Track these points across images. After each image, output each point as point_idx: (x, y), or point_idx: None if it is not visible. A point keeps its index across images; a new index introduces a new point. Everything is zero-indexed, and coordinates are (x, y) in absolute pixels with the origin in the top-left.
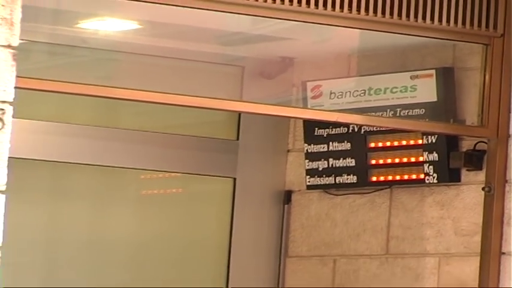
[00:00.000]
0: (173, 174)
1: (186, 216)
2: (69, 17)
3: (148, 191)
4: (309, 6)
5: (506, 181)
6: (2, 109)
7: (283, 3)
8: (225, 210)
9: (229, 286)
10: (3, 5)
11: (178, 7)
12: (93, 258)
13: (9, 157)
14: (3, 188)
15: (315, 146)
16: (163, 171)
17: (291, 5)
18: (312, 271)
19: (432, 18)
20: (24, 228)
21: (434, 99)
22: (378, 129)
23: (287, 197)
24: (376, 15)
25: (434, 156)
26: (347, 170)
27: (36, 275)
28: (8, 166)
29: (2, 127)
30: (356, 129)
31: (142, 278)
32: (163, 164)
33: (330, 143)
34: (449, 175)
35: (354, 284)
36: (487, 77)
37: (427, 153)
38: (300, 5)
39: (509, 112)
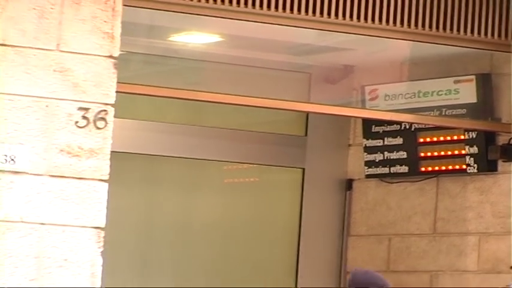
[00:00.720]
0: (251, 165)
1: (262, 201)
2: (161, 32)
3: (230, 179)
4: (366, 22)
5: None
6: (105, 110)
7: (344, 19)
8: (295, 196)
9: (300, 261)
10: (105, 21)
11: (254, 23)
12: (182, 237)
13: (111, 151)
14: (107, 177)
15: (372, 141)
16: (243, 162)
17: (351, 20)
18: (370, 248)
19: (472, 31)
20: (123, 212)
21: (475, 100)
22: (426, 126)
23: (349, 184)
24: (424, 29)
25: (474, 149)
26: (400, 162)
27: (133, 252)
28: (110, 159)
29: (105, 126)
30: (407, 127)
31: (224, 255)
32: (243, 157)
33: (385, 138)
34: (487, 165)
35: (406, 259)
36: None
37: (468, 146)
38: (359, 21)
39: None
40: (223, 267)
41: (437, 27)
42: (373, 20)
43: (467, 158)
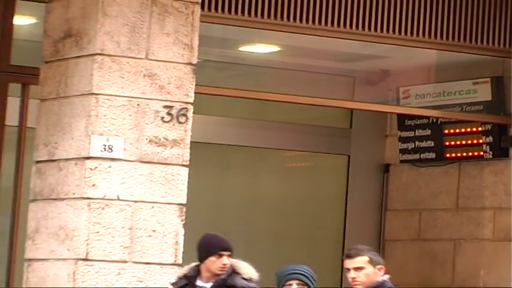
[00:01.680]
0: (306, 153)
1: (314, 183)
2: (231, 43)
3: (289, 164)
4: (400, 34)
5: None
6: (186, 108)
7: (382, 32)
8: (342, 179)
9: (346, 232)
10: (185, 35)
11: (307, 35)
12: (248, 212)
13: (191, 141)
14: (187, 163)
15: (405, 132)
16: (299, 150)
17: (388, 33)
18: (403, 221)
19: (488, 41)
20: (200, 191)
21: (489, 98)
22: (450, 120)
23: (386, 168)
24: (448, 40)
25: (490, 139)
26: (428, 149)
27: (208, 224)
28: (190, 148)
29: (186, 120)
30: (434, 121)
31: (283, 226)
32: (299, 146)
33: (416, 130)
34: (501, 152)
35: (433, 229)
36: None
37: (484, 137)
38: (394, 33)
39: None
40: (283, 236)
41: (459, 39)
42: (405, 32)
43: (484, 146)
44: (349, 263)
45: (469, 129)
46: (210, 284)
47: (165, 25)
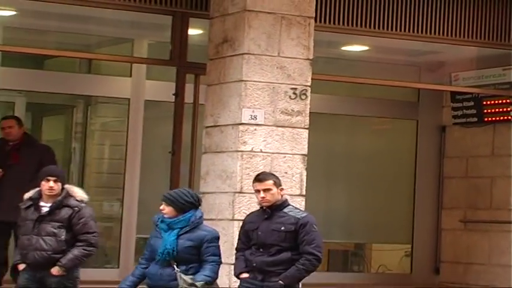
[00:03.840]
0: (388, 119)
1: (394, 139)
2: (335, 44)
3: (376, 127)
4: (451, 36)
5: None
6: (306, 89)
7: (437, 34)
8: (413, 136)
9: (416, 174)
10: (304, 39)
11: (388, 38)
12: (348, 162)
13: (310, 112)
14: (307, 127)
15: (456, 103)
16: (383, 117)
17: (442, 35)
18: (456, 164)
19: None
20: (316, 146)
21: None
22: (486, 95)
23: (443, 129)
24: (483, 39)
25: None
26: (472, 115)
27: (317, 169)
28: (309, 116)
29: (306, 98)
30: (476, 95)
31: (372, 173)
32: (383, 114)
33: (463, 102)
34: None
35: (476, 170)
36: None
37: (511, 106)
38: (447, 35)
39: None
40: (372, 178)
41: (491, 38)
42: (454, 34)
43: (511, 112)
44: (259, 186)
45: (500, 101)
46: (49, 204)
47: (290, 33)
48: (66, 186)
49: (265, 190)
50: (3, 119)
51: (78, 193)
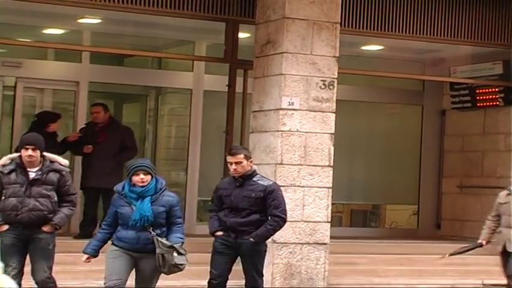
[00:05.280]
0: (399, 104)
1: (404, 121)
2: (356, 44)
3: (389, 111)
4: (450, 37)
5: None
6: (333, 81)
7: (438, 36)
8: (419, 118)
9: (422, 150)
10: (332, 40)
11: (397, 39)
12: (366, 140)
13: (336, 99)
14: (334, 111)
15: (454, 92)
16: (396, 103)
17: (441, 36)
18: (454, 141)
19: (501, 40)
20: (341, 127)
21: (501, 72)
22: (479, 84)
23: (443, 113)
24: (476, 39)
25: (502, 95)
26: (467, 101)
27: (345, 147)
28: (336, 103)
29: (333, 88)
30: (470, 85)
31: (386, 150)
32: (395, 100)
33: (460, 90)
34: (508, 102)
35: (470, 145)
36: None
37: (499, 93)
38: (446, 37)
39: None
40: (387, 154)
41: (483, 39)
42: (452, 36)
43: (499, 99)
44: (231, 159)
45: (490, 90)
46: (35, 169)
47: (320, 35)
48: (45, 154)
49: (237, 163)
50: (92, 105)
51: (60, 160)
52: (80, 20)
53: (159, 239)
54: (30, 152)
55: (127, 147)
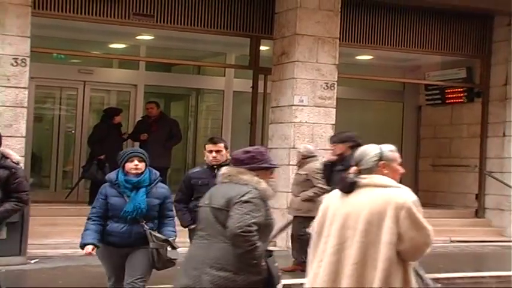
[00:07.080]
0: (383, 101)
1: (388, 115)
2: (350, 56)
3: (376, 107)
4: (423, 49)
5: None
6: (334, 83)
7: (414, 48)
8: (400, 113)
9: (403, 138)
10: (333, 51)
11: (384, 50)
12: (360, 130)
13: (336, 98)
14: (334, 107)
15: (428, 92)
16: (381, 100)
17: (416, 48)
18: (428, 130)
19: (464, 50)
20: (341, 119)
21: (465, 76)
22: (448, 86)
23: (419, 108)
24: (444, 50)
25: (465, 93)
26: (438, 99)
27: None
28: (336, 101)
29: (334, 88)
30: (441, 86)
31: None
32: (381, 98)
33: (432, 90)
34: (471, 99)
35: (441, 133)
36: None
37: (463, 93)
38: (420, 48)
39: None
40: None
41: (451, 50)
42: (425, 47)
43: (463, 97)
44: (212, 147)
45: (456, 90)
46: None
47: (324, 48)
48: (1, 149)
49: (218, 151)
50: (147, 103)
51: (14, 155)
52: (138, 37)
53: (153, 232)
54: None
55: (174, 135)
